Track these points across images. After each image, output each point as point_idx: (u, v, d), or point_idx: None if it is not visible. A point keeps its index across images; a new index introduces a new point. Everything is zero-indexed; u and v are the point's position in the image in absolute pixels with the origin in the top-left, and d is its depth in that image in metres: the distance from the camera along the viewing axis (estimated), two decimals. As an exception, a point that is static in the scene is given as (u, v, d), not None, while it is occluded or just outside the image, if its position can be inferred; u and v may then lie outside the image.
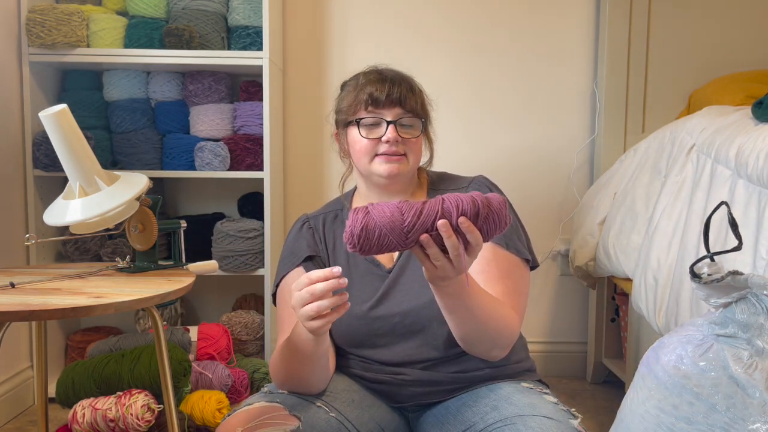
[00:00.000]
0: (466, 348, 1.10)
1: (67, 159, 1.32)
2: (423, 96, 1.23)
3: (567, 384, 2.37)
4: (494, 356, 1.11)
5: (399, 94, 1.16)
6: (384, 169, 1.16)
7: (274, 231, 2.16)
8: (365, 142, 1.17)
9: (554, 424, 0.98)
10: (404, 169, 1.17)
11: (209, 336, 2.01)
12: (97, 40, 2.08)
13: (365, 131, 1.17)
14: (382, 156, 1.16)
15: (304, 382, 1.09)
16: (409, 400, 1.16)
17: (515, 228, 1.18)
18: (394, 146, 1.15)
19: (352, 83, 1.22)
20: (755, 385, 0.84)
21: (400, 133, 1.16)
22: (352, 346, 1.18)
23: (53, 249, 2.20)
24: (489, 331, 1.05)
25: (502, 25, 2.39)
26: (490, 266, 1.12)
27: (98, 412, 1.63)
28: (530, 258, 1.18)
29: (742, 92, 2.00)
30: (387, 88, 1.16)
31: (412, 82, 1.22)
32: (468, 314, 1.01)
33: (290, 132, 2.42)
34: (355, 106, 1.18)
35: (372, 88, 1.17)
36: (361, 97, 1.17)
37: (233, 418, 1.03)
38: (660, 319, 1.56)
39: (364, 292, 1.16)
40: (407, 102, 1.17)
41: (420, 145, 1.21)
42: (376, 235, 0.87)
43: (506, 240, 1.14)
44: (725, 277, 0.89)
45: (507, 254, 1.14)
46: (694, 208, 1.53)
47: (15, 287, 1.23)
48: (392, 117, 1.16)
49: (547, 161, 2.43)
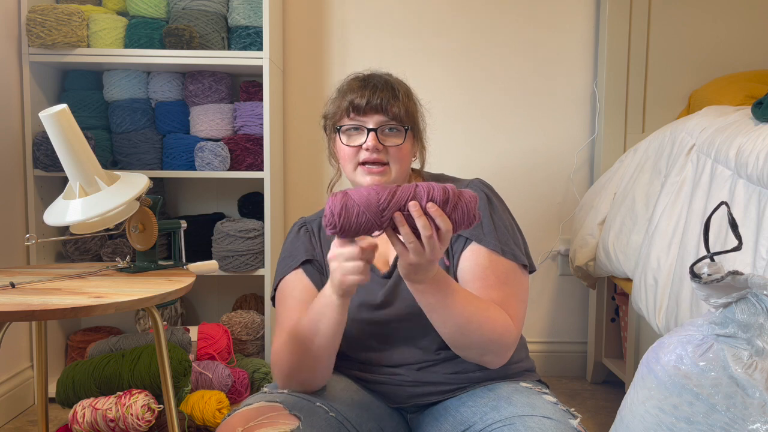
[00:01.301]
0: (458, 353, 1.10)
1: (67, 159, 1.32)
2: (410, 102, 1.20)
3: (567, 384, 2.37)
4: (488, 362, 1.10)
5: (380, 100, 1.14)
6: (365, 180, 1.15)
7: (274, 231, 2.16)
8: (347, 150, 1.16)
9: (553, 424, 0.98)
10: (386, 180, 1.15)
11: (209, 336, 2.01)
12: (97, 40, 2.08)
13: (347, 138, 1.17)
14: (364, 167, 1.15)
15: (313, 368, 1.08)
16: (407, 401, 1.16)
17: (512, 232, 1.18)
18: (375, 154, 1.14)
19: (338, 89, 1.22)
20: (755, 385, 0.84)
21: (382, 141, 1.14)
22: (349, 348, 1.18)
23: (53, 249, 2.20)
24: (473, 333, 1.05)
25: (502, 25, 2.39)
26: (486, 273, 1.11)
27: (98, 412, 1.63)
28: (527, 263, 1.17)
29: (742, 92, 2.00)
30: (368, 94, 1.14)
31: (397, 87, 1.19)
32: (448, 314, 1.02)
33: (290, 132, 2.42)
34: (339, 113, 1.18)
35: (353, 95, 1.15)
36: (343, 105, 1.17)
37: (233, 418, 1.03)
38: (660, 319, 1.56)
39: (359, 295, 1.16)
40: (389, 109, 1.14)
41: (405, 153, 1.18)
42: (355, 214, 0.91)
43: (502, 246, 1.13)
44: (725, 277, 0.89)
45: (503, 260, 1.13)
46: (694, 208, 1.53)
47: (15, 287, 1.23)
48: (374, 124, 1.15)
49: (547, 161, 2.43)
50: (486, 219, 1.15)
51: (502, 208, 1.20)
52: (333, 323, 1.03)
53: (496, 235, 1.14)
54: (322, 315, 1.03)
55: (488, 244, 1.12)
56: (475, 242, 1.13)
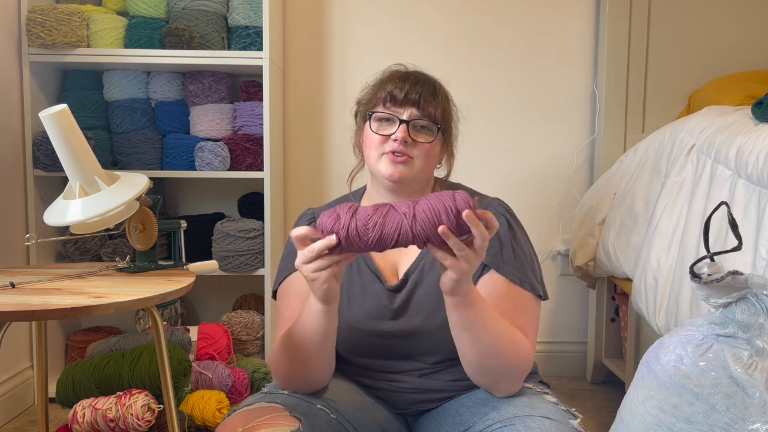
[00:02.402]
0: (476, 377, 1.06)
1: (67, 159, 1.32)
2: (447, 104, 1.18)
3: (567, 384, 2.37)
4: (501, 390, 1.07)
5: (418, 95, 1.12)
6: (387, 169, 1.12)
7: (274, 231, 2.16)
8: (375, 137, 1.13)
9: (554, 425, 0.98)
10: (408, 173, 1.12)
11: (209, 336, 2.01)
12: (97, 40, 2.08)
13: (377, 126, 1.14)
14: (389, 155, 1.12)
15: (308, 374, 1.07)
16: (407, 407, 1.16)
17: (530, 261, 1.15)
18: (402, 146, 1.11)
19: (377, 78, 1.20)
20: (755, 385, 0.84)
21: (412, 136, 1.12)
22: (348, 353, 1.17)
23: (53, 249, 2.20)
24: (499, 354, 1.01)
25: (502, 25, 2.39)
26: (504, 301, 1.09)
27: (98, 412, 1.63)
28: (543, 293, 1.15)
29: (742, 92, 2.00)
30: (408, 87, 1.12)
31: (437, 86, 1.17)
32: (482, 330, 0.98)
33: (290, 132, 2.42)
34: (374, 101, 1.15)
35: (392, 86, 1.13)
36: (380, 93, 1.14)
37: (233, 418, 1.02)
38: (660, 319, 1.56)
39: (365, 303, 1.14)
40: (426, 105, 1.12)
41: (433, 152, 1.15)
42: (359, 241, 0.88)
43: (520, 275, 1.11)
44: (725, 277, 0.89)
45: (521, 290, 1.10)
46: (694, 208, 1.53)
47: (15, 287, 1.23)
48: (407, 117, 1.12)
49: (547, 161, 2.43)
50: (506, 246, 1.12)
51: (521, 235, 1.17)
52: (321, 331, 1.01)
53: (515, 263, 1.11)
54: (308, 323, 1.01)
55: (507, 274, 1.10)
56: (493, 270, 1.11)
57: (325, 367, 1.08)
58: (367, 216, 0.88)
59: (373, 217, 0.88)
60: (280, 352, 1.08)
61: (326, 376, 1.10)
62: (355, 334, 1.14)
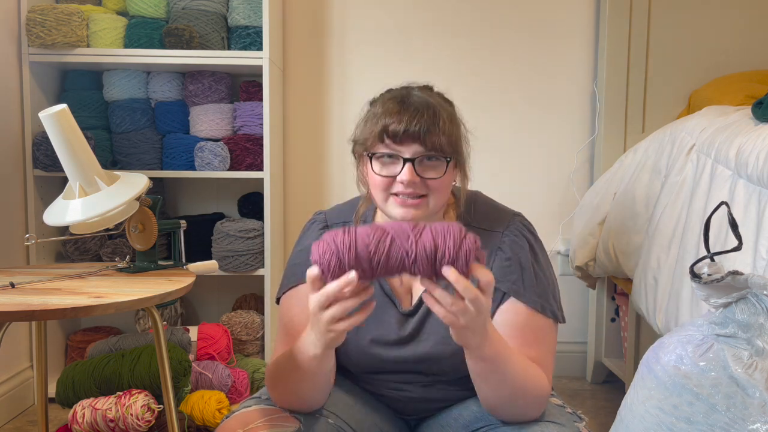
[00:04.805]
0: (495, 413, 1.02)
1: (67, 159, 1.33)
2: (453, 127, 1.05)
3: (567, 384, 2.37)
4: (520, 418, 1.02)
5: (419, 127, 0.99)
6: (398, 212, 1.02)
7: (274, 231, 2.16)
8: (379, 179, 1.02)
9: (558, 428, 0.98)
10: (422, 214, 1.02)
11: (209, 336, 2.01)
12: (97, 40, 2.08)
13: (379, 167, 1.02)
14: (397, 198, 1.02)
15: (302, 399, 1.02)
16: (411, 414, 1.15)
17: (552, 286, 1.09)
18: (411, 188, 1.00)
19: (371, 110, 1.07)
20: (755, 385, 0.84)
21: (419, 173, 1.00)
22: (355, 369, 1.14)
23: (53, 249, 2.20)
24: (521, 399, 0.97)
25: (502, 25, 2.39)
26: (525, 331, 1.03)
27: (98, 412, 1.62)
28: (562, 318, 1.10)
29: (742, 92, 2.00)
30: (406, 120, 0.99)
31: (439, 110, 1.03)
32: (504, 379, 0.94)
33: (290, 132, 2.42)
34: (371, 139, 1.03)
35: (389, 120, 1.01)
36: (376, 130, 1.02)
37: (232, 420, 1.02)
38: (660, 319, 1.56)
39: (372, 329, 1.08)
40: (429, 138, 1.00)
41: (446, 184, 1.04)
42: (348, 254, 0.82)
43: (542, 302, 1.05)
44: (725, 277, 0.89)
45: (542, 318, 1.05)
46: (694, 208, 1.52)
47: (15, 287, 1.23)
48: (410, 154, 1.00)
49: (547, 161, 2.43)
50: (527, 271, 1.06)
51: (543, 257, 1.11)
52: (317, 372, 0.95)
53: (538, 290, 1.05)
54: (305, 362, 0.93)
55: (528, 301, 1.04)
56: (514, 297, 1.04)
57: (320, 395, 1.03)
58: (369, 252, 0.82)
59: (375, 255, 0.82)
60: (274, 371, 1.03)
61: (322, 399, 1.05)
62: (362, 356, 1.10)
